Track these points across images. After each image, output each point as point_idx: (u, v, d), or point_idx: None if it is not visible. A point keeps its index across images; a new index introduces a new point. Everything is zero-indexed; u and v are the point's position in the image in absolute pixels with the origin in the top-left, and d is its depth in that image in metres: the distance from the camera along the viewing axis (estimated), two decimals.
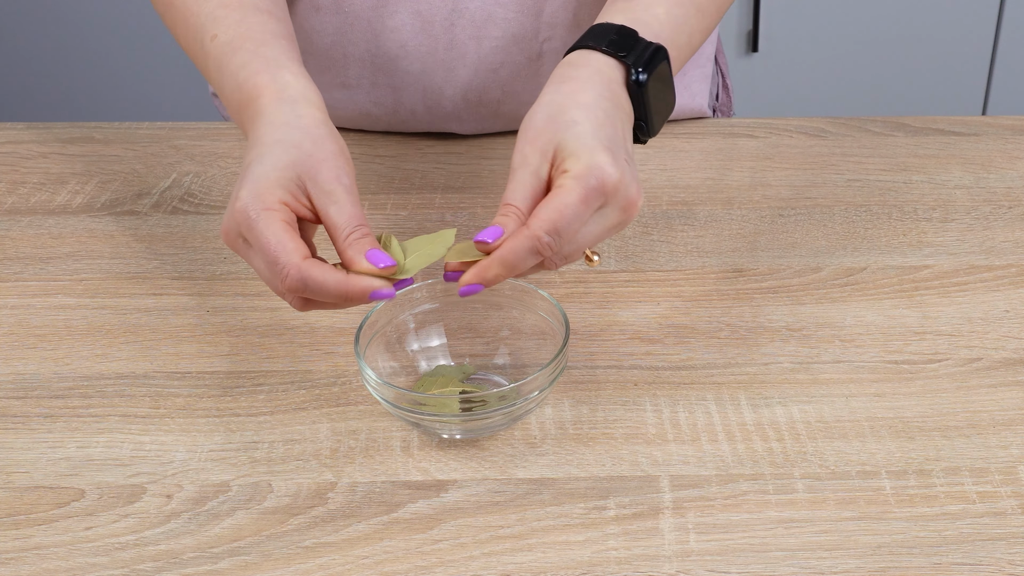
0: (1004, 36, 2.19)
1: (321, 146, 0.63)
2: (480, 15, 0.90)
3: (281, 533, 0.61)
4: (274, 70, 0.67)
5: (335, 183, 0.62)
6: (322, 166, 0.63)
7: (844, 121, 1.01)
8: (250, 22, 0.71)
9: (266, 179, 0.62)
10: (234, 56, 0.69)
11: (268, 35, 0.70)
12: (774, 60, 2.21)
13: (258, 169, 0.62)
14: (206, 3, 0.73)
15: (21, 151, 0.98)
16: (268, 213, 0.61)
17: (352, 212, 0.62)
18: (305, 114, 0.65)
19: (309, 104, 0.66)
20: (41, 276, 0.82)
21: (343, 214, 0.62)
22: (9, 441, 0.67)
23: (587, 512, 0.62)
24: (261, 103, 0.66)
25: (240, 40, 0.70)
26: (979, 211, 0.87)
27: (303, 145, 0.63)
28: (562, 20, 0.91)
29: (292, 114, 0.65)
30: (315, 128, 0.64)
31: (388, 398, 0.64)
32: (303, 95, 0.66)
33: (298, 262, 0.60)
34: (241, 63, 0.68)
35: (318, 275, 0.60)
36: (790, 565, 0.58)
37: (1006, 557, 0.58)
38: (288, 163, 0.62)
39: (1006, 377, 0.71)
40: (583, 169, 0.61)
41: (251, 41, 0.70)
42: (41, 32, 2.29)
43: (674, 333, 0.75)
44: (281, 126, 0.64)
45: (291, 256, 0.60)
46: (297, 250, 0.60)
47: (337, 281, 0.60)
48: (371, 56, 0.93)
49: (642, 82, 0.68)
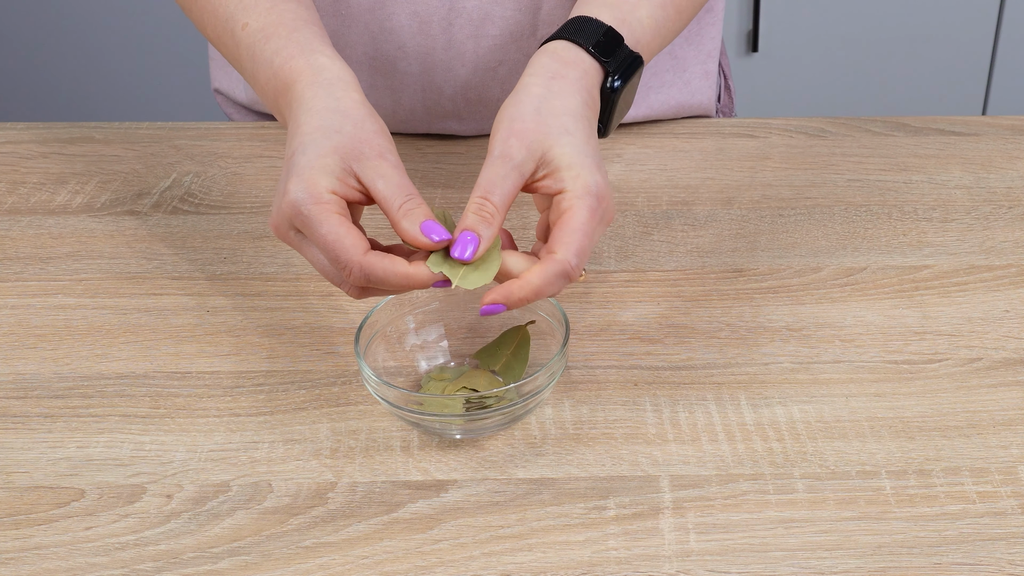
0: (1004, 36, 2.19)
1: (362, 126, 0.63)
2: (478, 14, 0.90)
3: (281, 533, 0.61)
4: (308, 54, 0.67)
5: (380, 159, 0.62)
6: (364, 146, 0.63)
7: (844, 121, 1.01)
8: (280, 9, 0.71)
9: (312, 169, 0.61)
10: (267, 43, 0.69)
11: (300, 21, 0.70)
12: (774, 60, 2.21)
13: (302, 160, 0.62)
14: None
15: (21, 151, 0.98)
16: (321, 207, 0.60)
17: (400, 182, 0.62)
18: (343, 96, 0.65)
19: (346, 86, 0.66)
20: (41, 276, 0.82)
21: (391, 185, 0.62)
22: (9, 441, 0.67)
23: (587, 512, 0.62)
24: (298, 88, 0.66)
25: (273, 27, 0.70)
26: (979, 211, 0.87)
27: (344, 128, 0.63)
28: (560, 17, 0.91)
29: (330, 98, 0.65)
30: (354, 110, 0.64)
31: (388, 398, 0.64)
32: (339, 77, 0.66)
33: (360, 259, 0.60)
34: (275, 49, 0.69)
35: (380, 271, 0.60)
36: (790, 565, 0.58)
37: (1006, 557, 0.58)
38: (331, 148, 0.62)
39: (1006, 377, 0.71)
40: (585, 187, 0.62)
41: (284, 27, 0.70)
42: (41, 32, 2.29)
43: (674, 333, 0.75)
44: (320, 111, 0.64)
45: (352, 253, 0.60)
46: (356, 245, 0.60)
47: (400, 275, 0.61)
48: (369, 57, 0.93)
49: (615, 89, 0.69)
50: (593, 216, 0.62)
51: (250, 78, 0.72)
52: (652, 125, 1.00)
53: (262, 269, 0.82)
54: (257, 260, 0.83)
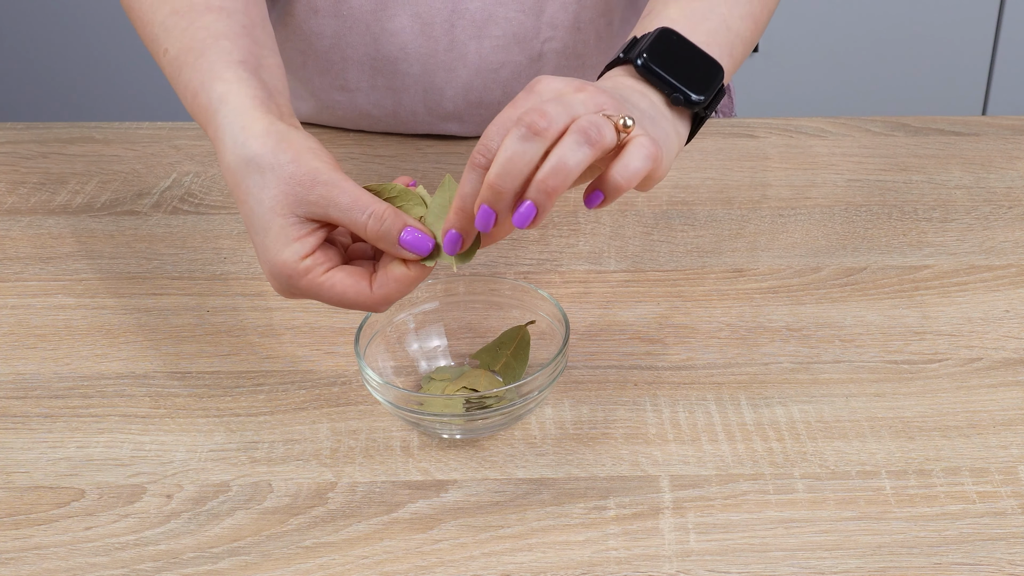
0: (1004, 36, 2.19)
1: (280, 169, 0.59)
2: (480, 16, 0.90)
3: (281, 533, 0.61)
4: (209, 85, 0.64)
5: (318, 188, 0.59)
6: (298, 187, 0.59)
7: (844, 121, 1.01)
8: (195, 27, 0.67)
9: (276, 239, 0.59)
10: (181, 73, 0.66)
11: (209, 39, 0.66)
12: (774, 60, 2.21)
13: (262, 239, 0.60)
14: (159, 10, 0.70)
15: (21, 151, 0.98)
16: (308, 279, 0.59)
17: (349, 203, 0.59)
18: (247, 141, 0.61)
19: (245, 118, 0.62)
20: (41, 276, 0.82)
21: (343, 211, 0.59)
22: (9, 441, 0.67)
23: (587, 512, 0.62)
24: (210, 132, 0.64)
25: (184, 54, 0.67)
26: (979, 211, 0.87)
27: (267, 182, 0.60)
28: (563, 21, 0.91)
29: (236, 145, 0.61)
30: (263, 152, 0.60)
31: (388, 398, 0.64)
32: (236, 108, 0.62)
33: (377, 298, 0.60)
34: (186, 82, 0.66)
35: (396, 293, 0.60)
36: (790, 565, 0.58)
37: (1006, 557, 0.58)
38: (275, 212, 0.59)
39: (1006, 377, 0.71)
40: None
41: (192, 53, 0.66)
42: (41, 32, 2.29)
43: (674, 333, 0.75)
44: (238, 170, 0.61)
45: (368, 298, 0.60)
46: (365, 291, 0.60)
47: (409, 279, 0.60)
48: (370, 59, 0.93)
49: (648, 65, 0.65)
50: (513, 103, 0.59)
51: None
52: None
53: (262, 269, 0.82)
54: (257, 260, 0.83)
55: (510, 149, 0.55)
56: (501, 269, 0.81)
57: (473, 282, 0.72)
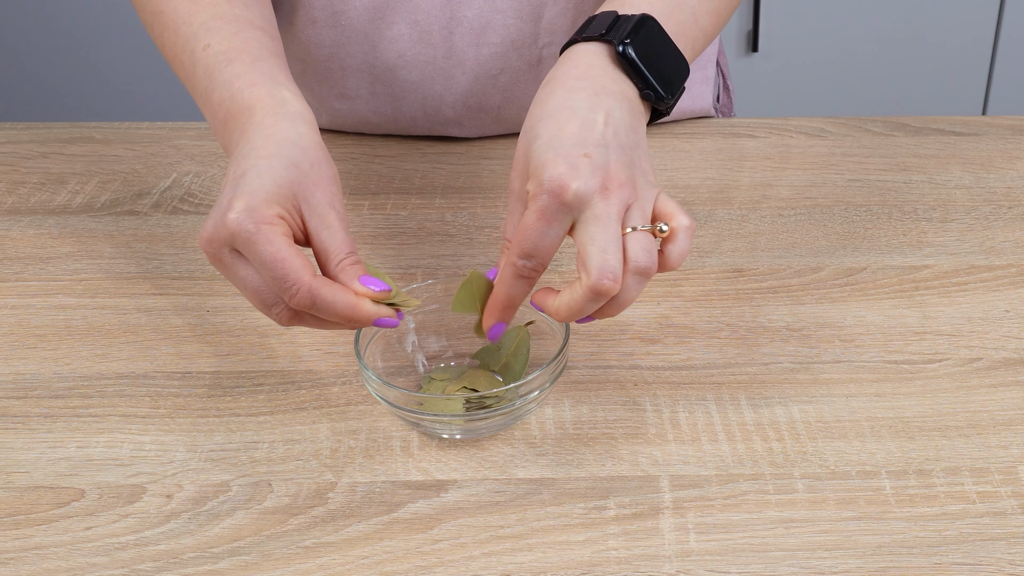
0: (1004, 36, 2.19)
1: (318, 169, 0.62)
2: (479, 22, 0.89)
3: (281, 533, 0.61)
4: (271, 85, 0.66)
5: (328, 208, 0.61)
6: (317, 189, 0.61)
7: (844, 121, 1.01)
8: (245, 36, 0.69)
9: (264, 192, 0.60)
10: (228, 66, 0.67)
11: (264, 51, 0.69)
12: (774, 60, 2.21)
13: (255, 181, 0.60)
14: (200, 13, 0.71)
15: (21, 151, 0.98)
16: (270, 227, 0.59)
17: (344, 239, 0.61)
18: (305, 132, 0.63)
19: (308, 125, 0.64)
20: (41, 276, 0.82)
21: (335, 240, 0.61)
22: (9, 441, 0.67)
23: (587, 512, 0.62)
24: (258, 115, 0.64)
25: (236, 52, 0.68)
26: (979, 211, 0.87)
27: (301, 165, 0.61)
28: (561, 25, 0.91)
29: (292, 131, 0.63)
30: (313, 150, 0.63)
31: (388, 398, 0.64)
32: (302, 114, 0.64)
33: (309, 280, 0.58)
34: (235, 73, 0.67)
35: (328, 295, 0.59)
36: (790, 565, 0.58)
37: (1006, 557, 0.58)
38: (287, 180, 0.61)
39: (1006, 377, 0.71)
40: (536, 186, 0.60)
41: (247, 54, 0.68)
42: (41, 32, 2.29)
43: (674, 333, 0.75)
44: (280, 141, 0.62)
45: (301, 273, 0.58)
46: (305, 267, 0.59)
47: (347, 304, 0.60)
48: (369, 67, 0.93)
49: (628, 54, 0.64)
50: (543, 214, 0.60)
51: (201, 97, 0.69)
52: (652, 125, 1.00)
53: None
54: None
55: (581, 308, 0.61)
56: None
57: None
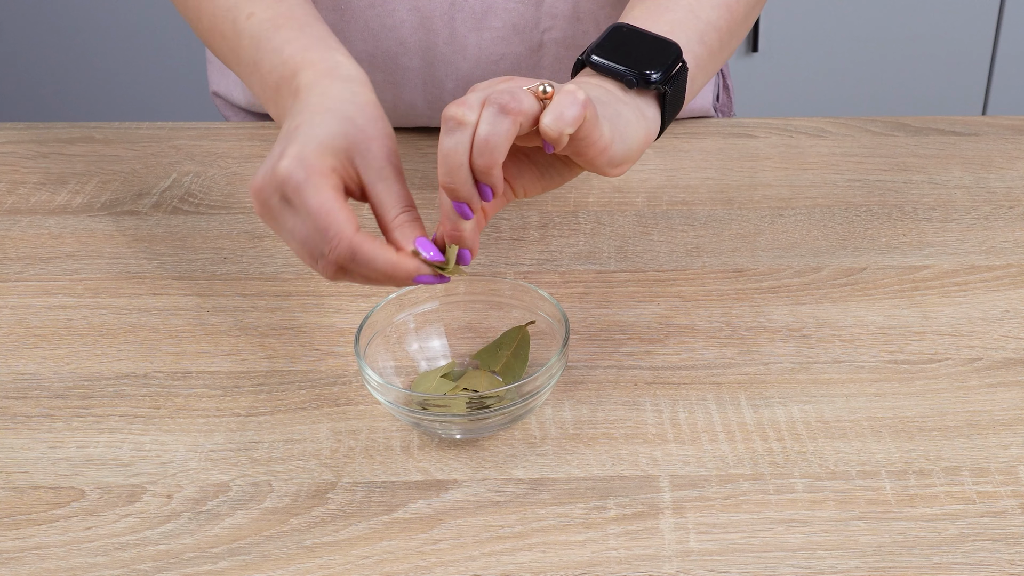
0: (1004, 36, 2.19)
1: (375, 124, 0.62)
2: (480, 7, 0.90)
3: (281, 533, 0.61)
4: (323, 49, 0.66)
5: (385, 161, 0.61)
6: (373, 143, 0.61)
7: (844, 121, 1.01)
8: (289, 3, 0.69)
9: (317, 142, 0.59)
10: (277, 32, 0.67)
11: (310, 16, 0.69)
12: (774, 60, 2.21)
13: (308, 131, 0.60)
14: None
15: (21, 151, 0.98)
16: (321, 178, 0.59)
17: (401, 192, 0.61)
18: (360, 92, 0.63)
19: (363, 86, 0.64)
20: (41, 276, 0.82)
21: (392, 192, 0.61)
22: (9, 441, 0.67)
23: (587, 512, 0.62)
24: (311, 76, 0.64)
25: (282, 19, 0.68)
26: (979, 211, 0.87)
27: (357, 120, 0.61)
28: (562, 10, 0.91)
29: (347, 91, 0.63)
30: (370, 107, 0.62)
31: (388, 398, 0.64)
32: (357, 77, 0.64)
33: (351, 233, 0.58)
34: (286, 39, 0.67)
35: (368, 250, 0.59)
36: (790, 565, 0.58)
37: (1006, 557, 0.58)
38: (341, 133, 0.60)
39: (1006, 377, 0.71)
40: None
41: (295, 20, 0.68)
42: (41, 32, 2.29)
43: (674, 333, 0.75)
44: (335, 98, 0.62)
45: (344, 226, 0.58)
46: (349, 220, 0.58)
47: (387, 260, 0.59)
48: (369, 54, 0.93)
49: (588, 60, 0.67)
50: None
51: (248, 67, 0.69)
52: None
53: (262, 269, 0.82)
54: (257, 260, 0.83)
55: (443, 147, 0.58)
56: (501, 269, 0.81)
57: (473, 282, 0.72)
